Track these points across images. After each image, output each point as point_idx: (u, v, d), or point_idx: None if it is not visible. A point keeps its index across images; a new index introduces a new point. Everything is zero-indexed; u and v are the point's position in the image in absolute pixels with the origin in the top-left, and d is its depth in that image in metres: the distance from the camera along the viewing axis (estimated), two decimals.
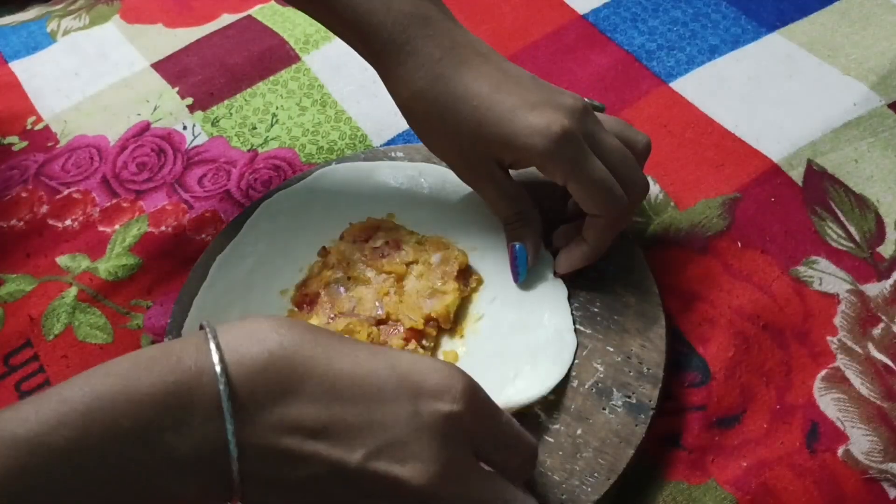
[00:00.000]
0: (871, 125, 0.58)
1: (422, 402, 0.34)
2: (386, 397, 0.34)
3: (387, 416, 0.34)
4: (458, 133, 0.46)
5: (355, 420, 0.33)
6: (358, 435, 0.33)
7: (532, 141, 0.44)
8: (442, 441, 0.34)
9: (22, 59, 0.75)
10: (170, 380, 0.32)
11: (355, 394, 0.34)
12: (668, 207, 0.55)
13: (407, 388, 0.34)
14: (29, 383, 0.52)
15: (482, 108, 0.45)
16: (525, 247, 0.49)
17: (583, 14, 0.70)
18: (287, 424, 0.33)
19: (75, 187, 0.62)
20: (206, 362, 0.32)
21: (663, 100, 0.63)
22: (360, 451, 0.33)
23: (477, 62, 0.47)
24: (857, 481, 0.43)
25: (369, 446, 0.33)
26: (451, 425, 0.34)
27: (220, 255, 0.53)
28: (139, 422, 0.31)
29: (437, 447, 0.34)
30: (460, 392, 0.34)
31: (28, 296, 0.56)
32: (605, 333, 0.47)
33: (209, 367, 0.32)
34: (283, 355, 0.33)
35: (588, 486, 0.42)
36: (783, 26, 0.66)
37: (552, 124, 0.44)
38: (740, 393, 0.47)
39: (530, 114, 0.44)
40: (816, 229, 0.53)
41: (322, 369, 0.34)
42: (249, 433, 0.32)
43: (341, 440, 0.33)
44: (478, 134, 0.46)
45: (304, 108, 0.67)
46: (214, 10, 0.77)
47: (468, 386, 0.35)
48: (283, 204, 0.56)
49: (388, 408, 0.34)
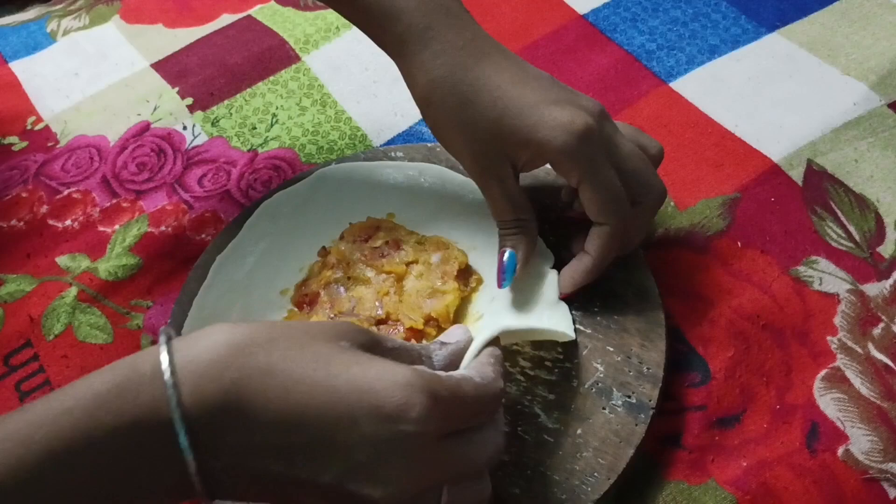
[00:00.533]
0: (871, 125, 0.58)
1: (384, 425, 0.32)
2: (344, 423, 0.33)
3: (350, 439, 0.32)
4: (475, 124, 0.45)
5: (319, 445, 0.33)
6: (324, 458, 0.33)
7: (554, 134, 0.43)
8: (408, 462, 0.33)
9: (22, 59, 0.75)
10: (128, 420, 0.31)
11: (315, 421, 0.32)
12: (668, 207, 0.55)
13: (367, 411, 0.33)
14: (29, 383, 0.52)
15: (504, 99, 0.44)
16: (516, 255, 0.48)
17: (583, 14, 0.70)
18: (251, 450, 0.32)
19: (75, 187, 0.62)
20: (164, 403, 0.31)
21: (663, 100, 0.63)
22: (329, 472, 0.33)
23: (498, 56, 0.46)
24: (857, 481, 0.43)
25: (338, 468, 0.33)
26: (415, 445, 0.33)
27: (220, 255, 0.53)
28: (98, 468, 0.31)
29: (403, 468, 0.33)
30: (421, 411, 0.33)
31: (28, 296, 0.56)
32: (605, 333, 0.47)
33: (167, 410, 0.31)
34: (238, 390, 0.32)
35: (588, 486, 0.42)
36: (783, 26, 0.66)
37: (576, 120, 0.43)
38: (740, 393, 0.47)
39: (553, 108, 0.44)
40: (816, 229, 0.53)
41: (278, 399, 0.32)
42: (213, 466, 0.32)
43: (308, 463, 0.33)
44: (497, 126, 0.45)
45: (304, 108, 0.67)
46: (214, 10, 0.77)
47: (429, 399, 0.33)
48: (283, 204, 0.56)
49: (351, 431, 0.32)
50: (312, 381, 0.33)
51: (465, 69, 0.45)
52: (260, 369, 0.33)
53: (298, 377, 0.33)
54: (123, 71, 0.72)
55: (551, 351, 0.47)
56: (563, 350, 0.47)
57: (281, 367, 0.33)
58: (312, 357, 0.34)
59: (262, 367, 0.33)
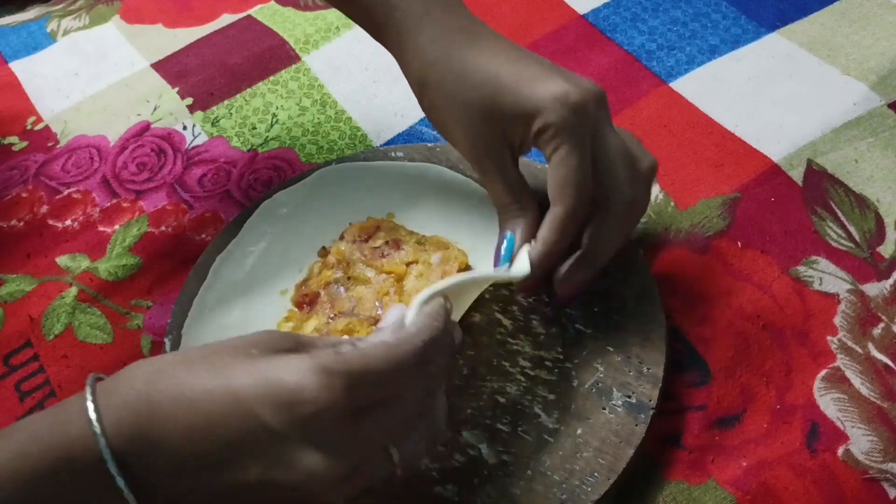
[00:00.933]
0: (871, 125, 0.58)
1: (283, 412, 0.33)
2: (248, 420, 0.33)
3: (258, 434, 0.33)
4: (471, 104, 0.44)
5: (231, 447, 0.33)
6: (240, 458, 0.33)
7: (545, 104, 0.42)
8: (323, 442, 0.33)
9: (22, 59, 0.75)
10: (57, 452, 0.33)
11: (222, 425, 0.33)
12: (668, 207, 0.55)
13: (266, 402, 0.33)
14: (29, 383, 0.52)
15: (500, 76, 0.44)
16: (515, 237, 0.46)
17: (583, 14, 0.70)
18: (177, 469, 0.33)
19: (75, 187, 0.62)
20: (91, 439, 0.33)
21: (663, 100, 0.63)
22: (252, 471, 0.33)
23: (493, 38, 0.46)
24: (857, 481, 0.43)
25: (258, 464, 0.33)
26: (323, 424, 0.33)
27: (219, 255, 0.53)
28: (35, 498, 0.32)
29: (320, 449, 0.33)
30: (314, 390, 0.32)
31: (28, 296, 0.56)
32: (605, 333, 0.47)
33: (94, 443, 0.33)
34: (150, 416, 0.33)
35: (588, 486, 0.42)
36: (783, 26, 0.66)
37: (570, 93, 0.42)
38: (740, 393, 0.47)
39: (549, 82, 0.43)
40: (816, 229, 0.53)
41: (185, 416, 0.33)
42: (150, 493, 0.33)
43: (227, 467, 0.33)
44: (492, 102, 0.44)
45: (304, 108, 0.67)
46: (214, 10, 0.77)
47: (323, 377, 0.32)
48: (283, 204, 0.56)
49: (256, 426, 0.33)
50: (213, 388, 0.33)
51: (461, 49, 0.45)
52: (169, 393, 0.34)
53: (201, 390, 0.33)
54: (123, 71, 0.72)
55: (551, 351, 0.47)
56: (563, 350, 0.47)
57: (188, 386, 0.34)
58: (217, 368, 0.34)
59: (172, 391, 0.34)
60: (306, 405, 0.32)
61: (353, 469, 0.34)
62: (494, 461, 0.44)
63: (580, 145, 0.42)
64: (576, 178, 0.42)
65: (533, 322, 0.48)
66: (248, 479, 0.33)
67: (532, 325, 0.48)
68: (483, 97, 0.44)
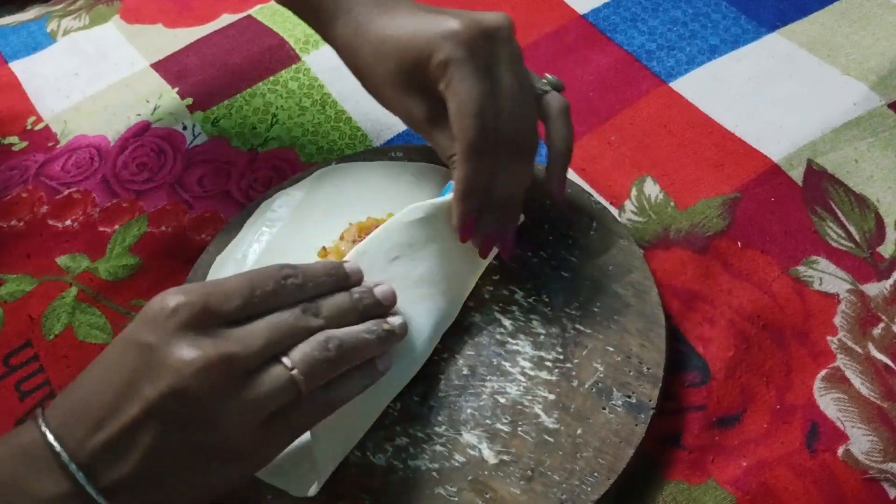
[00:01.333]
0: (871, 125, 0.58)
1: (147, 328, 0.37)
2: (129, 345, 0.37)
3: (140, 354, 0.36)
4: (387, 62, 0.46)
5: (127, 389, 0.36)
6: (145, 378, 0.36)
7: (436, 43, 0.44)
8: (189, 348, 0.36)
9: (22, 60, 0.75)
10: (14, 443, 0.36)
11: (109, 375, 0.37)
12: (668, 207, 0.55)
13: (138, 324, 0.37)
14: (29, 383, 0.52)
15: (407, 28, 0.45)
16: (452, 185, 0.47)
17: (583, 14, 0.70)
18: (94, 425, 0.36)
19: (75, 187, 0.62)
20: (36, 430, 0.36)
21: (663, 100, 0.63)
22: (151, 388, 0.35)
23: (413, 5, 0.47)
24: (857, 481, 0.43)
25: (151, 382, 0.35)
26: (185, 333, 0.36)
27: (219, 255, 0.53)
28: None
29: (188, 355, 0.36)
30: (169, 302, 0.37)
31: (28, 296, 0.56)
32: (605, 333, 0.47)
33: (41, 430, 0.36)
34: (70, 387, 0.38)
35: (588, 486, 0.42)
36: (783, 26, 0.66)
37: (463, 30, 0.43)
38: (740, 393, 0.47)
39: (443, 23, 0.44)
40: (816, 229, 0.53)
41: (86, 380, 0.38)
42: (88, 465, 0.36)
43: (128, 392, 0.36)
44: (405, 52, 0.45)
45: (304, 108, 0.67)
46: (214, 10, 0.77)
47: (181, 295, 0.37)
48: (283, 204, 0.56)
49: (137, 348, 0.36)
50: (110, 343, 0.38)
51: (380, 15, 0.47)
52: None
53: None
54: (123, 71, 0.72)
55: (551, 351, 0.47)
56: (563, 350, 0.47)
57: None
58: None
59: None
60: (172, 316, 0.36)
61: (231, 357, 0.36)
62: (494, 461, 0.44)
63: (471, 76, 0.43)
64: (469, 108, 0.43)
65: (533, 322, 0.48)
66: (149, 396, 0.35)
67: (532, 325, 0.48)
68: (399, 52, 0.46)
